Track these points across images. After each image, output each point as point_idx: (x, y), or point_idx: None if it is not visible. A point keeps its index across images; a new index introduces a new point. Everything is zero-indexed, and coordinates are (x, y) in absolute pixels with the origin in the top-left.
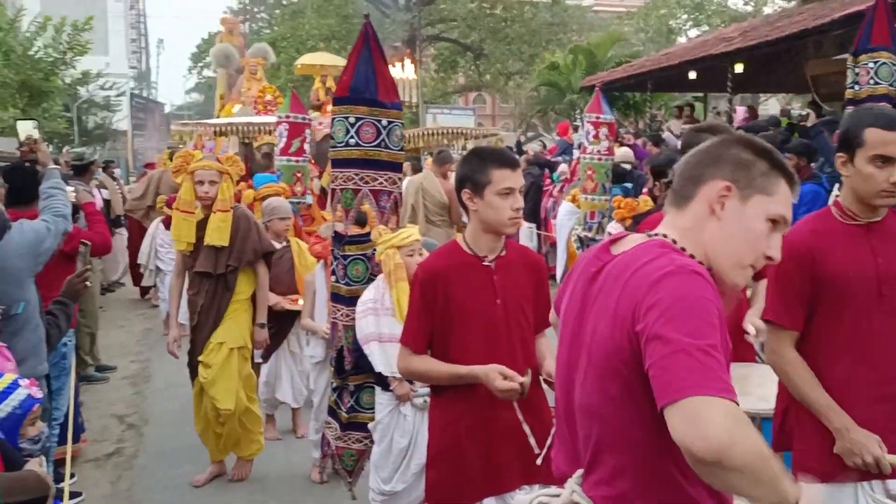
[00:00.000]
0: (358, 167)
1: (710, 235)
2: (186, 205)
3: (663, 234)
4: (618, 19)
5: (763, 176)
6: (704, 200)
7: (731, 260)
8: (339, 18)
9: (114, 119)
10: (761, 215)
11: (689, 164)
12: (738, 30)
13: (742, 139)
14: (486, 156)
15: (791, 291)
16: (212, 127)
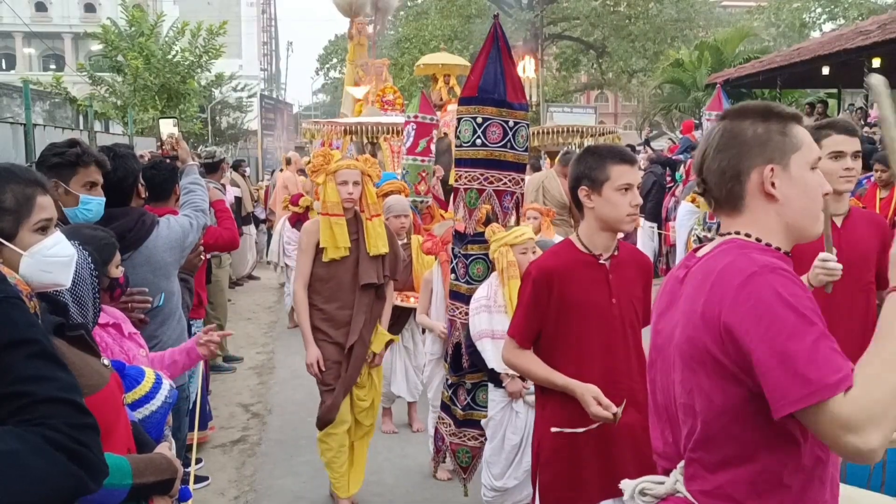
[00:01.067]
0: (483, 167)
1: (780, 216)
2: (335, 207)
3: (737, 232)
4: (747, 14)
5: (783, 136)
6: (757, 192)
7: (807, 221)
8: (461, 19)
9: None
10: (805, 168)
11: (717, 164)
12: (877, 23)
13: (740, 113)
14: (604, 152)
15: None
16: (340, 126)
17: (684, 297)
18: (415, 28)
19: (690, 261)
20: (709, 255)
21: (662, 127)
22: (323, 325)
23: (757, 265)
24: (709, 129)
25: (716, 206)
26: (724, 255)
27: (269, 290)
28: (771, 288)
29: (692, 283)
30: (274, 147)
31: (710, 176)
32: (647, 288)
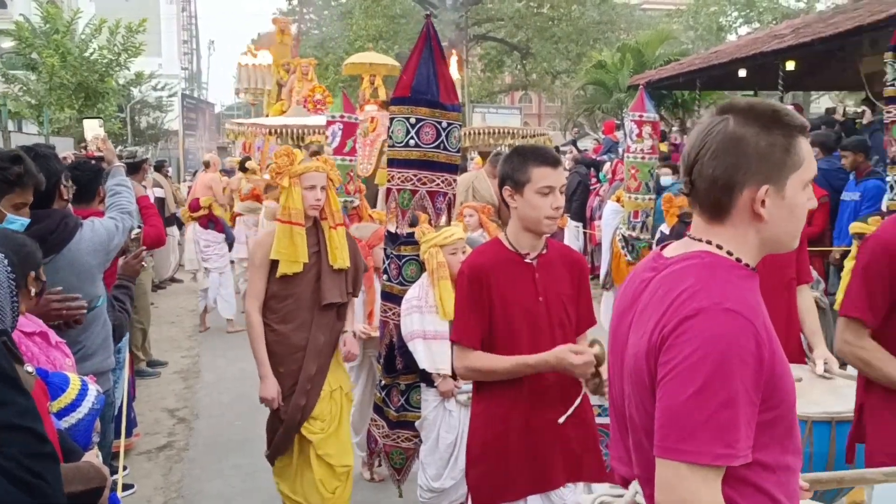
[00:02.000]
0: (417, 168)
1: (759, 233)
2: (297, 214)
3: (709, 241)
4: (666, 17)
5: (784, 151)
6: (745, 209)
7: (786, 239)
8: (386, 19)
9: (165, 119)
10: (798, 189)
11: (712, 170)
12: (791, 27)
13: (746, 115)
14: (527, 154)
15: (878, 288)
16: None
17: (642, 308)
18: (339, 28)
19: (658, 261)
20: (676, 264)
21: (586, 127)
22: (276, 349)
23: (711, 300)
24: (705, 124)
25: (699, 208)
26: (688, 273)
27: (192, 293)
28: (711, 330)
29: (654, 294)
30: (196, 147)
31: (699, 180)
32: (583, 287)
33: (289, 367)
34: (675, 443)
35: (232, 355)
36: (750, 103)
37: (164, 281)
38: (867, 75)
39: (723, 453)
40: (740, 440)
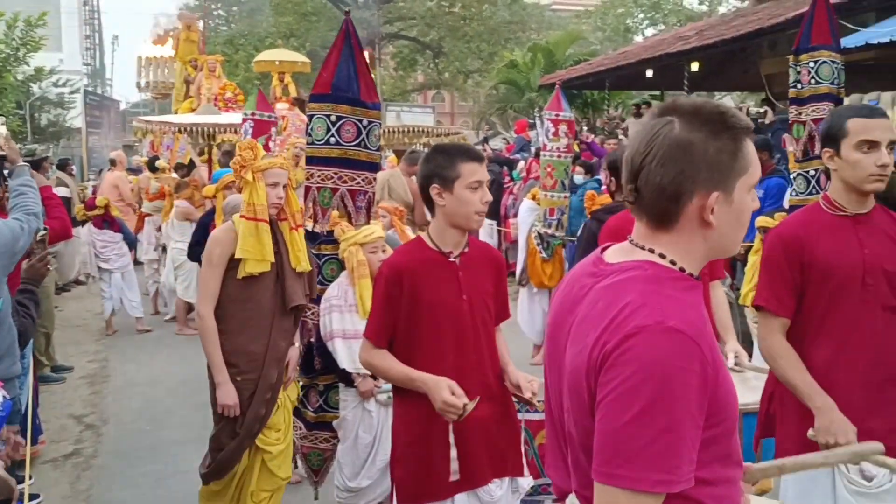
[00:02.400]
0: (337, 166)
1: (706, 241)
2: (262, 211)
3: (651, 250)
4: (576, 18)
5: (732, 157)
6: (694, 217)
7: (731, 245)
8: (297, 16)
9: (67, 116)
10: (745, 192)
11: (660, 178)
12: (695, 29)
13: (693, 120)
14: (453, 151)
15: (780, 278)
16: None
17: (581, 318)
18: (249, 25)
19: (599, 265)
20: (617, 274)
21: (498, 126)
22: (234, 360)
23: (653, 318)
24: (648, 127)
25: (645, 216)
26: (630, 287)
27: (98, 295)
28: (653, 351)
29: (594, 305)
30: (100, 146)
31: (646, 188)
32: (501, 283)
33: (246, 376)
34: (613, 468)
35: (141, 359)
36: (695, 105)
37: (69, 283)
38: (767, 76)
39: (662, 479)
40: (682, 465)
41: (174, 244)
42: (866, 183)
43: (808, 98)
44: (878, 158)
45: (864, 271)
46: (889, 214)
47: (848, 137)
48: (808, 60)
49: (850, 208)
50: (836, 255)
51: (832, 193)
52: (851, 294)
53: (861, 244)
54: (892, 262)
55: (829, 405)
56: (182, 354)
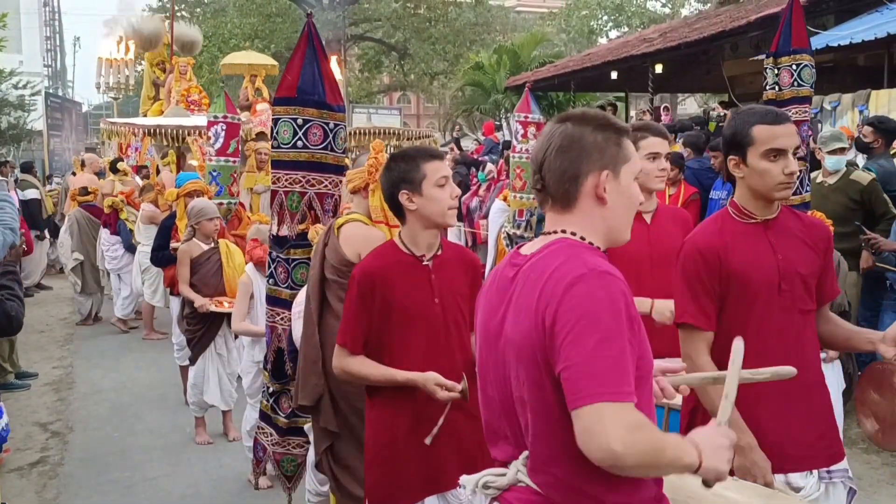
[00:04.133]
0: (305, 170)
1: (604, 219)
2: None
3: (563, 231)
4: (540, 20)
5: (617, 146)
6: (590, 194)
7: (624, 226)
8: (261, 17)
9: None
10: (630, 179)
11: (559, 164)
12: (658, 31)
13: (581, 119)
14: (413, 154)
15: (703, 291)
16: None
17: (517, 295)
18: (213, 26)
19: (517, 258)
20: (539, 254)
21: (464, 128)
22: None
23: (587, 267)
24: (548, 130)
25: (550, 202)
26: (556, 255)
27: (62, 300)
28: (596, 291)
29: (524, 281)
30: (62, 148)
31: (549, 174)
32: (476, 285)
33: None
34: (593, 388)
35: (107, 365)
36: (583, 111)
37: (31, 287)
38: (730, 78)
39: (630, 391)
40: (632, 383)
41: (141, 248)
42: (774, 191)
43: (789, 100)
44: (785, 166)
45: (779, 277)
46: (796, 216)
47: (754, 146)
48: (790, 63)
49: (759, 214)
50: (751, 264)
51: (740, 200)
52: (769, 300)
53: (774, 250)
54: (806, 266)
55: (751, 444)
56: (149, 359)
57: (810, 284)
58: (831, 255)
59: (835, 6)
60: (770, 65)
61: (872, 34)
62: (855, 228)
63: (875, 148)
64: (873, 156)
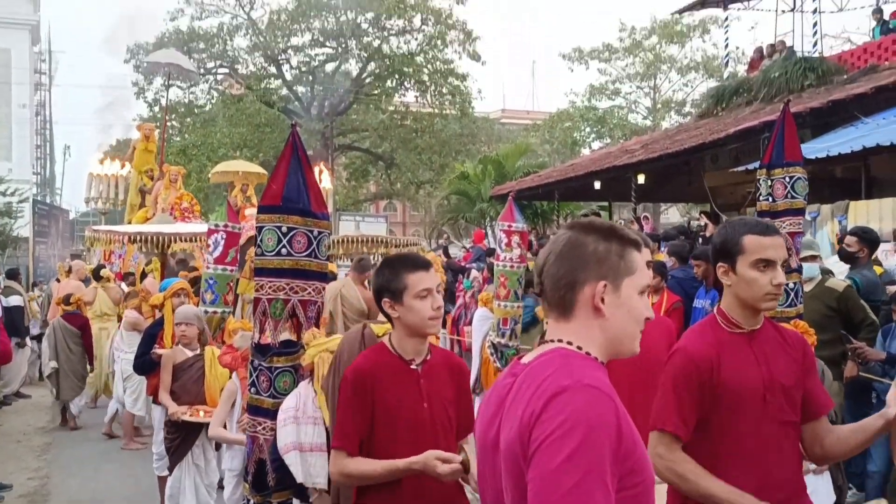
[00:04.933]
0: (289, 277)
1: (603, 331)
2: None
3: (560, 340)
4: (524, 131)
5: (620, 258)
6: (587, 304)
7: (627, 339)
8: (250, 127)
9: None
10: (634, 292)
11: (556, 270)
12: (640, 142)
13: (587, 228)
14: (398, 262)
15: (688, 401)
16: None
17: (511, 405)
18: (202, 135)
19: (516, 368)
20: (534, 363)
21: (450, 236)
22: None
23: (572, 379)
24: (554, 236)
25: (549, 309)
26: (548, 365)
27: (41, 409)
28: (576, 403)
29: (517, 391)
30: (48, 255)
31: (547, 279)
32: (463, 391)
33: None
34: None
35: (85, 475)
36: (591, 220)
37: (10, 396)
38: (711, 188)
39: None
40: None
41: (123, 355)
42: (762, 301)
43: (783, 212)
44: (773, 277)
45: (764, 388)
46: (776, 329)
47: (744, 255)
48: (784, 175)
49: (746, 324)
50: (740, 374)
51: (727, 309)
52: (753, 411)
53: (758, 361)
54: (788, 377)
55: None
56: (129, 470)
57: (793, 396)
58: (814, 366)
59: (811, 121)
60: (763, 176)
61: (849, 147)
62: (835, 335)
63: (860, 258)
64: (857, 265)
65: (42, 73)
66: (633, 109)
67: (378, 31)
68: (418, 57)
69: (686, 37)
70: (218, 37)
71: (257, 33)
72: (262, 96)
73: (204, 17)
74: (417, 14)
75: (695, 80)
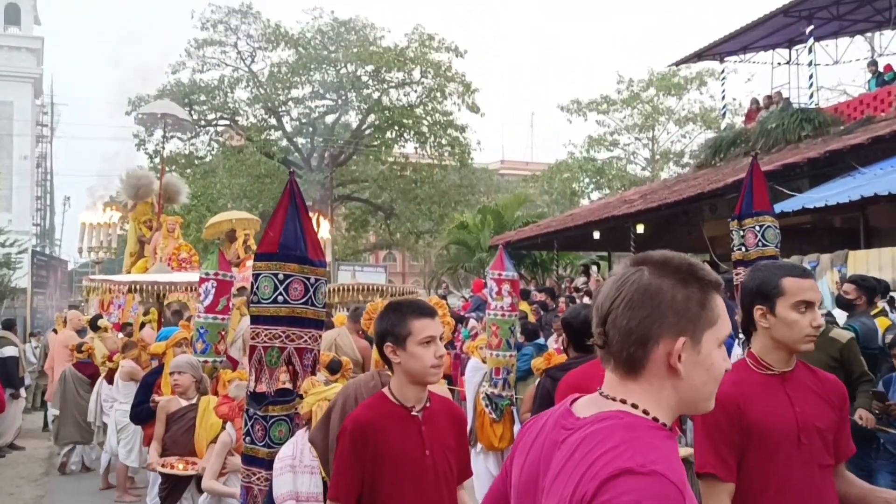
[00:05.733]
0: (285, 325)
1: (676, 391)
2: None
3: (623, 401)
4: (523, 182)
5: (700, 306)
6: (661, 363)
7: (702, 399)
8: (250, 178)
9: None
10: (714, 345)
11: (626, 322)
12: (639, 192)
13: (662, 268)
14: (404, 308)
15: (723, 442)
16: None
17: (557, 470)
18: (203, 186)
19: (569, 421)
20: (592, 424)
21: (449, 286)
22: None
23: (635, 462)
24: (621, 275)
25: (613, 364)
26: (609, 436)
27: (35, 461)
28: (634, 495)
29: (571, 455)
30: (45, 306)
31: (613, 331)
32: (462, 438)
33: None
34: None
35: None
36: (665, 256)
37: (4, 448)
38: (710, 238)
39: None
40: None
41: (118, 406)
42: (801, 343)
43: (755, 260)
44: (813, 319)
45: (798, 430)
46: (811, 370)
47: (784, 297)
48: (754, 224)
49: (777, 367)
50: (770, 416)
51: (759, 352)
52: (789, 454)
53: (791, 402)
54: (823, 420)
55: None
56: None
57: (828, 439)
58: (847, 412)
59: (809, 171)
60: (735, 227)
61: (846, 197)
62: None
63: (857, 305)
64: (855, 313)
65: (44, 126)
66: (631, 160)
67: (378, 83)
68: (418, 109)
69: (683, 89)
70: (219, 89)
71: (258, 85)
72: (263, 147)
73: (205, 69)
74: (417, 67)
75: (692, 131)
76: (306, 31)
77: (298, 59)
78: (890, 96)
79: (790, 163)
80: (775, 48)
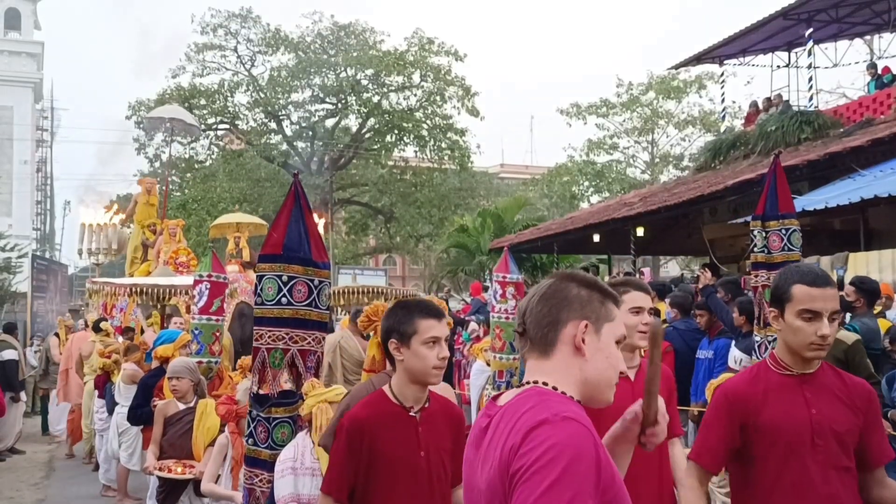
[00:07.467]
0: (289, 326)
1: (582, 371)
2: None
3: (536, 382)
4: (523, 185)
5: (600, 304)
6: (568, 343)
7: (604, 384)
8: (250, 182)
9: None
10: (612, 339)
11: (539, 309)
12: (638, 195)
13: (571, 277)
14: (412, 306)
15: (716, 435)
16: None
17: (488, 445)
18: (203, 190)
19: (492, 409)
20: (510, 403)
21: (450, 289)
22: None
23: (550, 412)
24: (539, 283)
25: (530, 347)
26: (525, 402)
27: (35, 465)
28: (556, 435)
29: (494, 431)
30: (45, 310)
31: (530, 318)
32: (460, 441)
33: None
34: None
35: None
36: (573, 271)
37: (4, 452)
38: (710, 240)
39: None
40: None
41: (119, 408)
42: (805, 350)
43: (780, 263)
44: (818, 329)
45: (812, 432)
46: (838, 374)
47: (791, 303)
48: (779, 227)
49: (796, 368)
50: (782, 415)
51: (778, 352)
52: (802, 455)
53: (808, 404)
54: (841, 423)
55: None
56: None
57: (846, 442)
58: (876, 416)
59: (808, 173)
60: (758, 228)
61: (846, 199)
62: None
63: (857, 307)
64: (856, 315)
65: (44, 130)
66: (631, 163)
67: (378, 87)
68: (417, 112)
69: (683, 92)
70: (219, 93)
71: (258, 90)
72: (262, 151)
73: (205, 73)
74: (417, 70)
75: (692, 134)
76: (306, 35)
77: (298, 63)
78: (889, 98)
79: (790, 165)
80: (774, 51)
